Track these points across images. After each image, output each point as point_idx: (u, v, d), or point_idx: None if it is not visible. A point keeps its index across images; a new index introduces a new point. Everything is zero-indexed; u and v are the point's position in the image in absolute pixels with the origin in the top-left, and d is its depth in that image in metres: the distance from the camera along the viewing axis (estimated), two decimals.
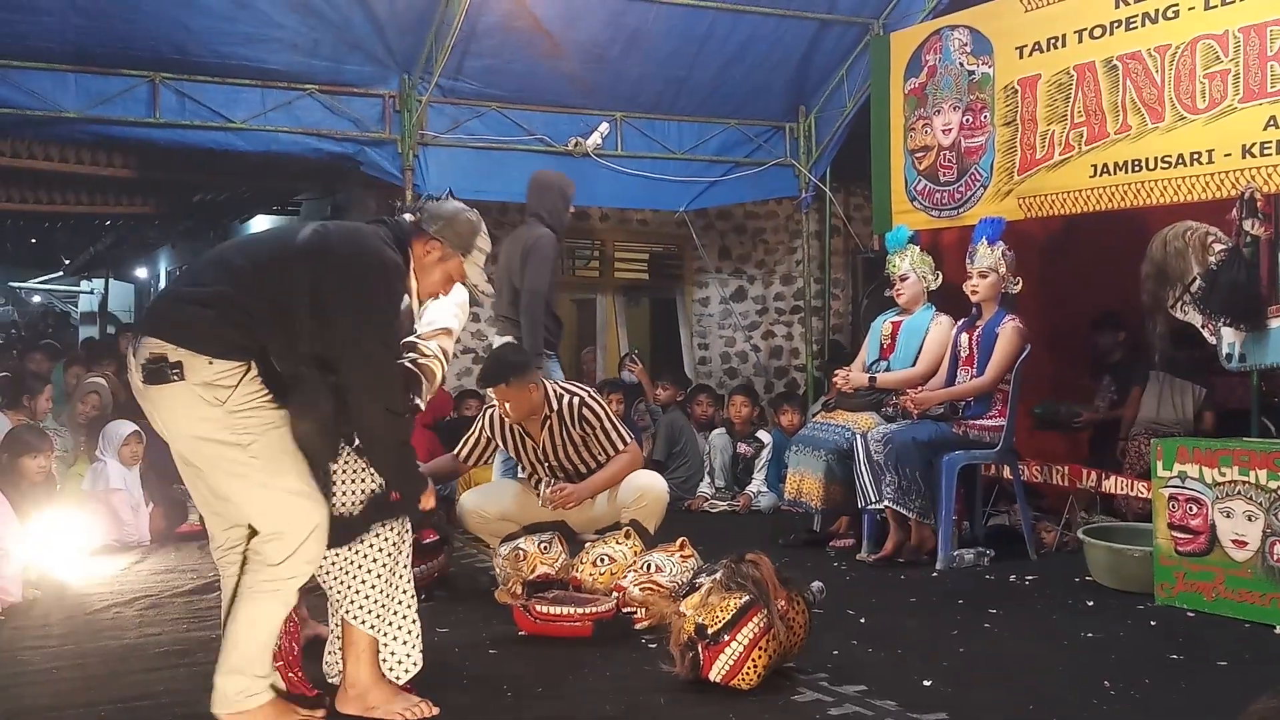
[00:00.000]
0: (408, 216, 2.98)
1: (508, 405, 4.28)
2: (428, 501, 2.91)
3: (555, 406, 4.34)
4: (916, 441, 4.75)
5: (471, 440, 4.55)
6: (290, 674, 2.92)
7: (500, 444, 4.53)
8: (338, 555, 2.83)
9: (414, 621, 2.92)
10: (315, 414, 2.66)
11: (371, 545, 2.84)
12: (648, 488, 4.42)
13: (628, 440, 4.45)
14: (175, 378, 2.57)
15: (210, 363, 2.57)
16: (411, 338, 3.03)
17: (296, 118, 6.40)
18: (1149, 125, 4.96)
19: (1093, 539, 4.47)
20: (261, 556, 2.68)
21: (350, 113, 6.57)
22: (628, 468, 4.43)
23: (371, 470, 2.86)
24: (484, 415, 4.54)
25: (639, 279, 9.14)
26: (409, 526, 2.92)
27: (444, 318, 3.11)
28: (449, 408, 7.02)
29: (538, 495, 4.47)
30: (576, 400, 4.36)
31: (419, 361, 2.97)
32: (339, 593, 2.85)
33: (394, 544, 2.87)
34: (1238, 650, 3.49)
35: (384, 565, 2.84)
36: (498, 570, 4.17)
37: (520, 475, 4.65)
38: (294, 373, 2.64)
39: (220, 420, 2.59)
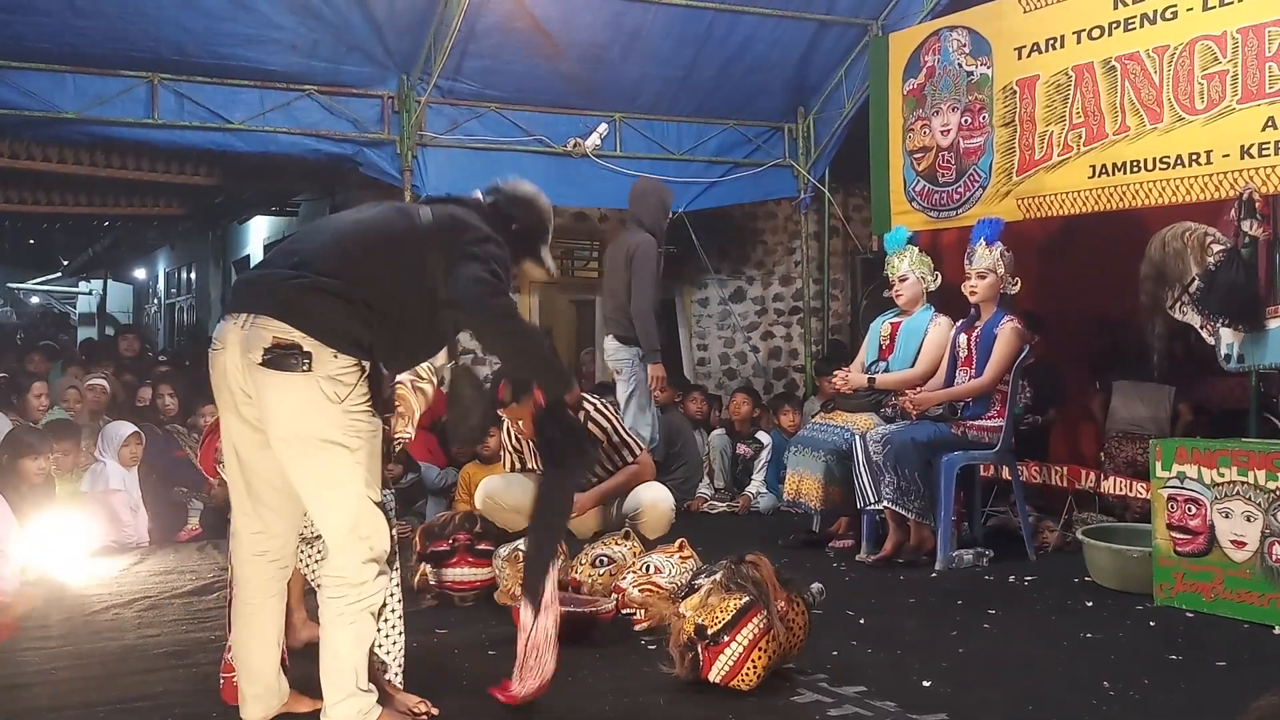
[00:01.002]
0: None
1: (520, 422, 4.31)
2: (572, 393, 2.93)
3: None
4: (915, 442, 4.75)
5: (505, 457, 4.70)
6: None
7: (521, 451, 4.62)
8: (319, 550, 2.82)
9: (401, 619, 2.90)
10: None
11: None
12: (653, 503, 4.50)
13: (638, 451, 4.50)
14: (304, 368, 2.47)
15: (335, 357, 2.50)
16: None
17: (295, 119, 6.40)
18: (1147, 126, 4.96)
19: (1092, 539, 4.47)
20: (344, 577, 2.55)
21: (349, 113, 6.57)
22: (636, 478, 4.51)
23: None
24: (504, 431, 4.66)
25: None
26: (393, 519, 2.86)
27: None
28: (442, 409, 7.00)
29: None
30: (581, 416, 4.33)
31: (414, 384, 2.94)
32: None
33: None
34: (1236, 651, 3.49)
35: None
36: (496, 572, 4.17)
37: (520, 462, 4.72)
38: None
39: (335, 419, 2.50)
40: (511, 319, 2.74)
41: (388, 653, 2.85)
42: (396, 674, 2.89)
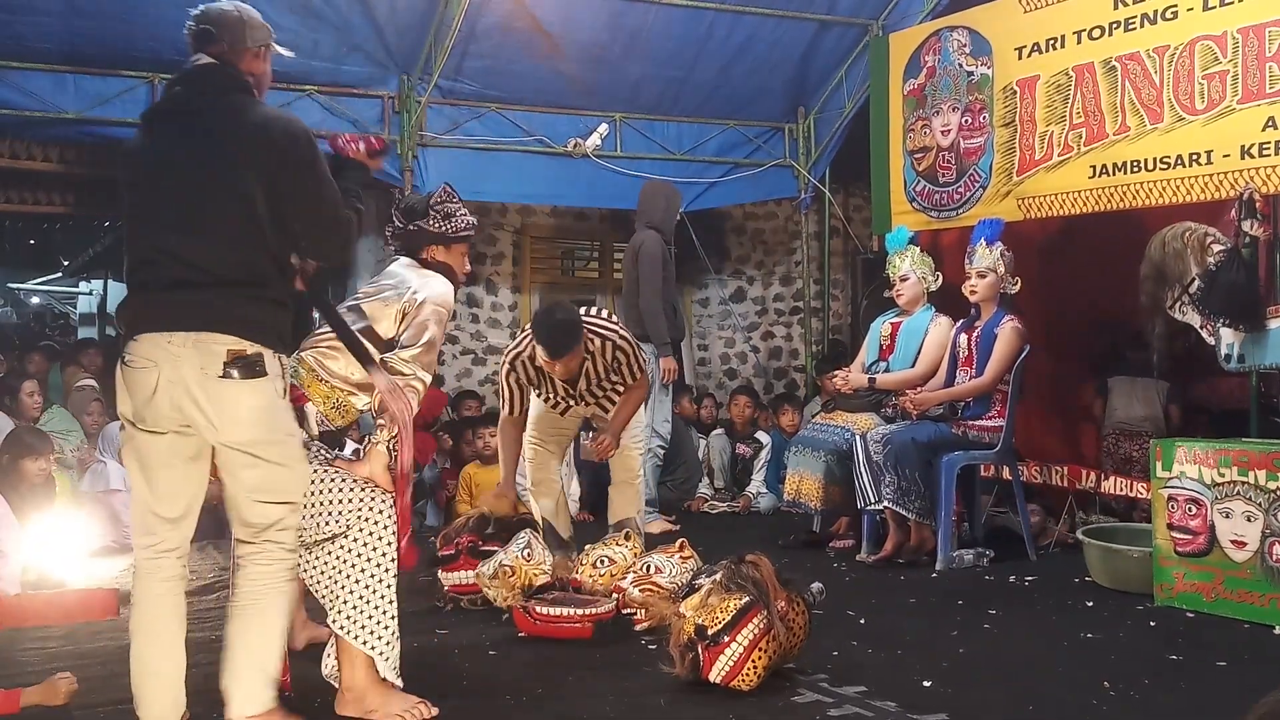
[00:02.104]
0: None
1: (558, 367, 4.32)
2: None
3: (592, 348, 4.40)
4: (916, 442, 4.75)
5: (508, 396, 4.56)
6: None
7: (528, 382, 4.55)
8: (316, 557, 2.82)
9: (397, 622, 2.88)
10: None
11: (355, 540, 2.82)
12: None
13: (644, 367, 4.58)
14: (264, 373, 2.57)
15: (275, 356, 2.62)
16: (391, 355, 2.97)
17: None
18: (1148, 126, 4.96)
19: (1092, 540, 4.47)
20: (280, 544, 2.65)
21: (349, 113, 6.57)
22: (641, 400, 4.69)
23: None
24: (507, 368, 4.51)
25: None
26: (391, 524, 2.87)
27: (423, 334, 3.01)
28: (440, 407, 7.01)
29: (559, 415, 4.69)
30: (610, 344, 4.44)
31: (402, 382, 2.93)
32: (325, 597, 2.85)
33: (377, 538, 2.84)
34: (1237, 651, 3.49)
35: (367, 560, 2.82)
36: (490, 593, 4.04)
37: (541, 400, 4.67)
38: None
39: (286, 416, 2.67)
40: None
41: (380, 653, 2.84)
42: (395, 674, 2.89)
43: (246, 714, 2.61)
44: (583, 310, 4.57)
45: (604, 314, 4.67)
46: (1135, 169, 5.01)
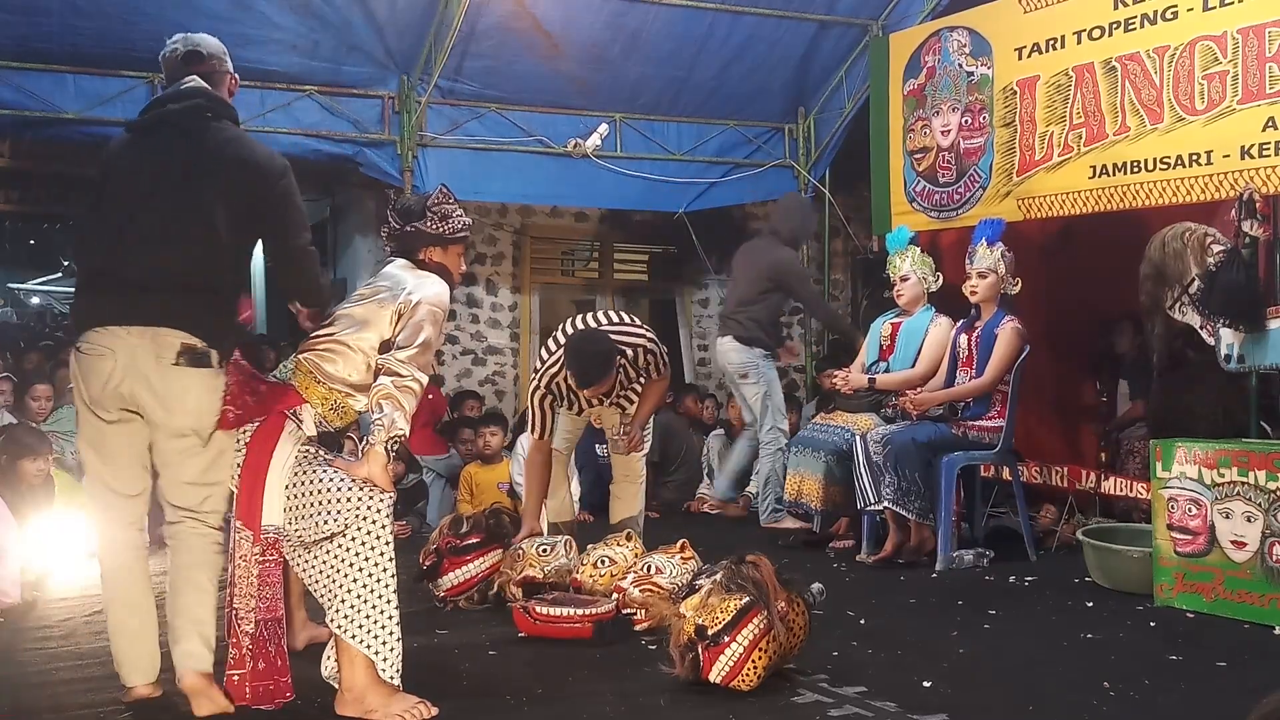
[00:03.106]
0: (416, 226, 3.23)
1: (588, 390, 4.38)
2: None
3: (624, 360, 4.43)
4: (916, 442, 4.75)
5: (539, 419, 4.55)
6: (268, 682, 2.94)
7: (560, 398, 4.56)
8: (315, 556, 2.82)
9: (396, 622, 2.88)
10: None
11: (353, 540, 2.82)
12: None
13: (668, 364, 4.64)
14: (212, 364, 2.88)
15: (219, 353, 2.92)
16: (387, 356, 2.97)
17: (296, 119, 6.40)
18: (1148, 126, 4.96)
19: (1092, 540, 4.47)
20: (206, 520, 2.96)
21: (349, 114, 6.57)
22: (664, 391, 4.77)
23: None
24: (542, 391, 4.49)
25: (638, 280, 9.15)
26: (389, 522, 2.87)
27: (419, 335, 3.00)
28: (444, 409, 7.03)
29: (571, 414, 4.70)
30: (641, 350, 4.48)
31: (398, 384, 2.93)
32: (323, 597, 2.85)
33: (375, 537, 2.84)
34: (1237, 651, 3.49)
35: (365, 559, 2.82)
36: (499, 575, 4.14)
37: (561, 407, 4.65)
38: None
39: (219, 405, 2.93)
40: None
41: (378, 653, 2.84)
42: (395, 674, 2.88)
43: (189, 668, 2.89)
44: (606, 319, 4.56)
45: (625, 318, 4.65)
46: (1135, 169, 5.01)
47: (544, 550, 4.14)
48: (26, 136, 6.95)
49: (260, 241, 3.02)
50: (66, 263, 16.67)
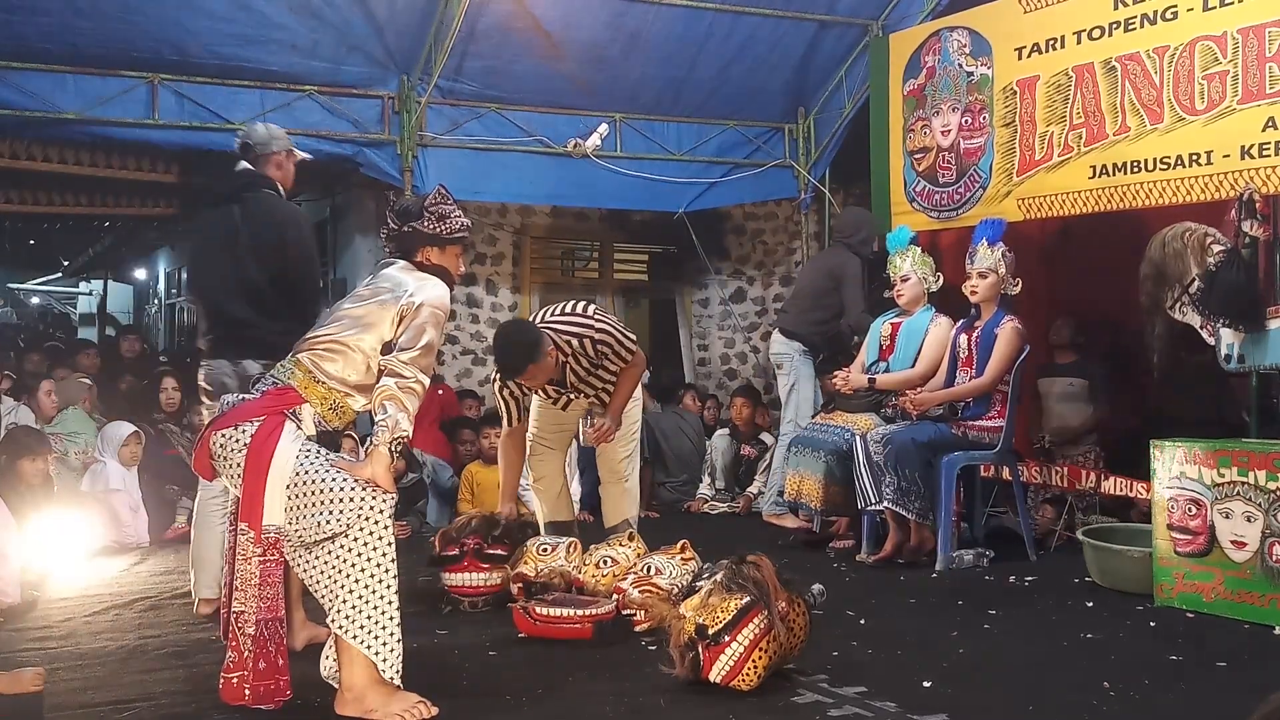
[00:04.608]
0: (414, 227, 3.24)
1: (526, 381, 4.30)
2: None
3: (568, 351, 4.30)
4: (916, 442, 4.75)
5: (503, 408, 4.51)
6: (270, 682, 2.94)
7: (520, 391, 4.50)
8: (316, 556, 2.82)
9: (397, 623, 2.88)
10: None
11: (355, 540, 2.82)
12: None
13: (633, 347, 4.44)
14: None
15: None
16: (389, 357, 2.98)
17: (296, 119, 6.38)
18: (1148, 126, 4.96)
19: (1092, 540, 4.47)
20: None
21: (349, 114, 6.57)
22: (638, 378, 4.62)
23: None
24: (499, 383, 4.47)
25: (638, 280, 9.15)
26: (390, 523, 2.87)
27: (421, 337, 3.01)
28: (454, 406, 7.04)
29: (556, 409, 4.63)
30: (587, 340, 4.31)
31: (402, 385, 2.93)
32: (323, 597, 2.84)
33: (377, 537, 2.84)
34: (1237, 651, 3.49)
35: (366, 560, 2.82)
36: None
37: (539, 400, 4.62)
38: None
39: None
40: None
41: (378, 654, 2.84)
42: (396, 674, 2.88)
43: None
44: (558, 311, 4.43)
45: (578, 309, 4.44)
46: (1135, 169, 5.01)
47: (544, 550, 4.14)
48: (26, 136, 6.95)
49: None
50: (66, 262, 16.68)
